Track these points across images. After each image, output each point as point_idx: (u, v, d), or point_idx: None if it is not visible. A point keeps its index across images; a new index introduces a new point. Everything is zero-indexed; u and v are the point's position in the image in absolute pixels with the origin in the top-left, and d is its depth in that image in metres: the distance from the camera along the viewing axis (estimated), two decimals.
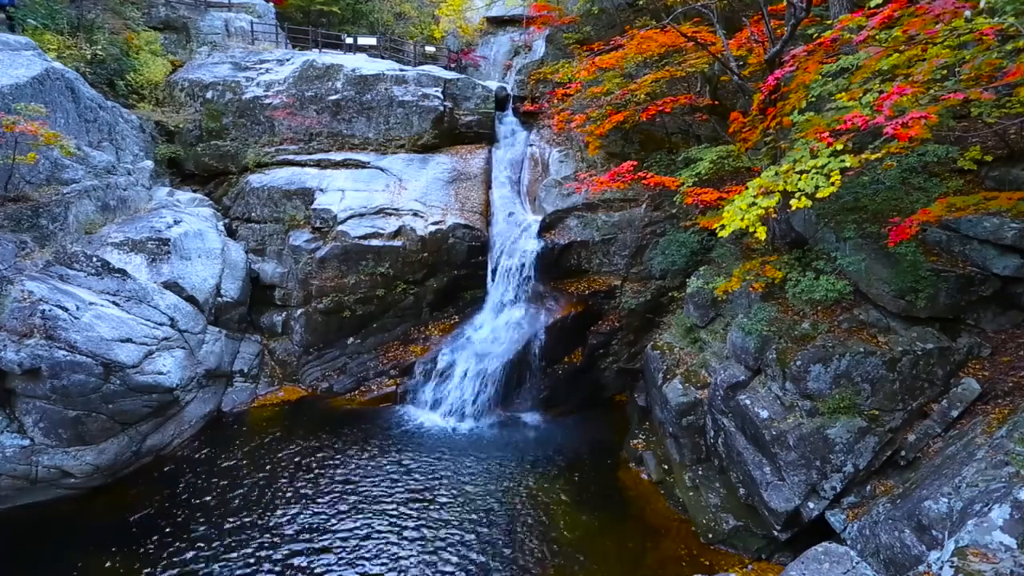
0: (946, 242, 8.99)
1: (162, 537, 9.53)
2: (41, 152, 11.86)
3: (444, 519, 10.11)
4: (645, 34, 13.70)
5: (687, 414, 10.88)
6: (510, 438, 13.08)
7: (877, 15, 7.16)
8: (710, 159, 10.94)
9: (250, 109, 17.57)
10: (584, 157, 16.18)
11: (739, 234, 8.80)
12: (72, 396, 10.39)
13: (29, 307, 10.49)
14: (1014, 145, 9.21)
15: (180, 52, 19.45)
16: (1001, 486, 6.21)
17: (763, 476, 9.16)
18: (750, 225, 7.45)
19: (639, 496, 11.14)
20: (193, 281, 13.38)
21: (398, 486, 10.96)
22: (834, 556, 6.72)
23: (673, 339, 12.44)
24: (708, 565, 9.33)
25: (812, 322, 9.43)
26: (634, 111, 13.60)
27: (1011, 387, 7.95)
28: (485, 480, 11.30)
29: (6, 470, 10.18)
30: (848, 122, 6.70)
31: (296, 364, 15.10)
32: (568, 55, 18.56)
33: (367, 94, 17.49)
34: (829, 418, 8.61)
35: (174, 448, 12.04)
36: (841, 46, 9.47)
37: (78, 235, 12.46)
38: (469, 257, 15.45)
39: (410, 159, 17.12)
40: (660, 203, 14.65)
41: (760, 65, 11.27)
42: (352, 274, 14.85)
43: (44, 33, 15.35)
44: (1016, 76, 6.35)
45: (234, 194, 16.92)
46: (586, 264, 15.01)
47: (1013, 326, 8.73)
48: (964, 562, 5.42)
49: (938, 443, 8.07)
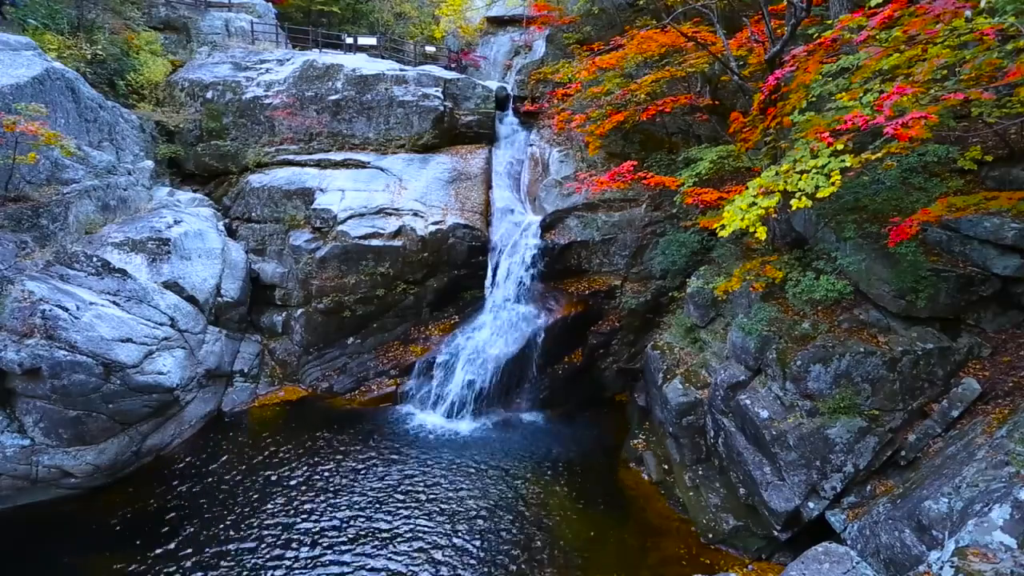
0: (946, 242, 8.99)
1: (163, 537, 9.53)
2: (41, 152, 11.87)
3: (444, 519, 10.12)
4: (645, 34, 13.70)
5: (687, 414, 10.89)
6: (510, 438, 13.09)
7: (877, 15, 7.16)
8: (710, 159, 10.95)
9: (250, 109, 17.58)
10: (584, 157, 16.18)
11: (739, 234, 8.79)
12: (72, 396, 10.40)
13: (29, 307, 10.50)
14: (1014, 145, 9.20)
15: (180, 52, 19.45)
16: (1001, 486, 6.21)
17: (763, 476, 9.17)
18: (750, 225, 7.47)
19: (639, 496, 11.15)
20: (193, 281, 13.38)
21: (398, 486, 10.97)
22: (834, 556, 6.71)
23: (673, 339, 12.45)
24: (708, 565, 9.34)
25: (812, 322, 9.43)
26: (634, 111, 13.60)
27: (1011, 387, 7.95)
28: (485, 480, 11.30)
29: (6, 470, 10.19)
30: (848, 122, 6.71)
31: (296, 364, 15.11)
32: (568, 55, 18.55)
33: (367, 94, 17.50)
34: (829, 418, 8.61)
35: (174, 448, 12.04)
36: (841, 46, 9.47)
37: (78, 235, 12.46)
38: (469, 257, 15.45)
39: (410, 159, 17.12)
40: (660, 203, 14.65)
41: (760, 65, 11.27)
42: (352, 274, 14.85)
43: (44, 33, 15.36)
44: (1016, 76, 6.35)
45: (234, 194, 16.93)
46: (586, 264, 15.01)
47: (1013, 326, 8.73)
48: (964, 562, 5.42)
49: (938, 443, 8.07)
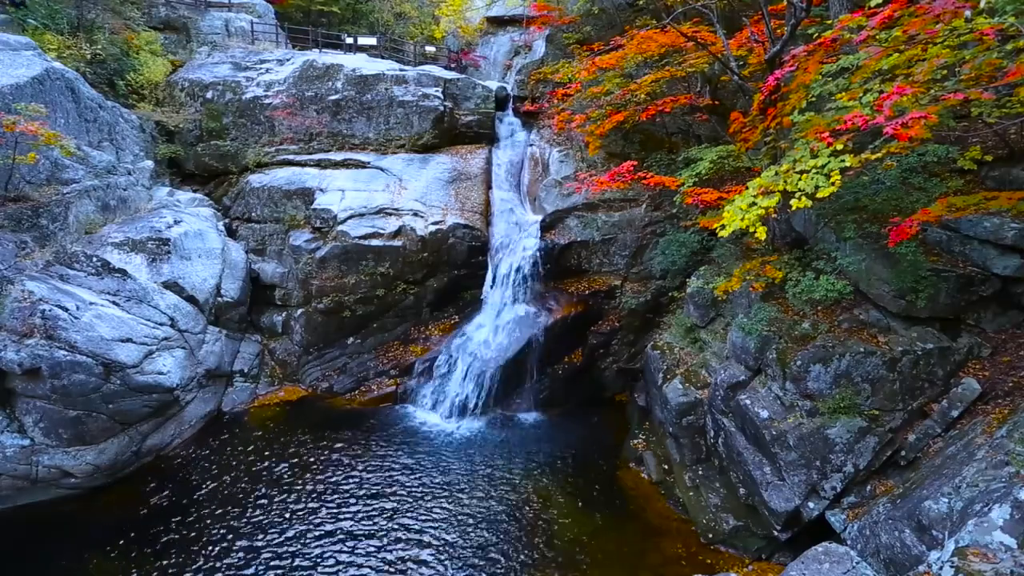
0: (946, 242, 8.98)
1: (163, 537, 9.53)
2: (41, 152, 11.88)
3: (443, 518, 10.12)
4: (645, 34, 13.70)
5: (687, 414, 10.89)
6: (510, 438, 13.09)
7: (877, 15, 7.15)
8: (710, 159, 10.95)
9: (250, 109, 17.58)
10: (584, 157, 16.18)
11: (739, 234, 8.79)
12: (72, 396, 10.40)
13: (29, 307, 10.50)
14: (1014, 145, 9.20)
15: (180, 52, 19.46)
16: (1001, 486, 6.21)
17: (763, 476, 9.16)
18: (750, 225, 7.47)
19: (639, 496, 11.15)
20: (193, 281, 13.38)
21: (398, 485, 10.97)
22: (834, 556, 6.71)
23: (673, 339, 12.44)
24: (708, 565, 9.34)
25: (812, 322, 9.43)
26: (634, 111, 13.60)
27: (1011, 387, 7.95)
28: (485, 480, 11.30)
29: (6, 470, 10.20)
30: (848, 122, 6.70)
31: (296, 364, 15.11)
32: (568, 55, 18.56)
33: (367, 94, 17.50)
34: (829, 418, 8.61)
35: (174, 448, 12.04)
36: (841, 46, 9.47)
37: (78, 235, 12.46)
38: (469, 257, 15.45)
39: (410, 159, 17.12)
40: (660, 203, 14.65)
41: (760, 65, 11.27)
42: (352, 274, 14.86)
43: (44, 33, 15.36)
44: (1016, 76, 6.35)
45: (234, 194, 16.93)
46: (586, 264, 15.01)
47: (1013, 326, 8.72)
48: (964, 562, 5.42)
49: (938, 443, 8.07)
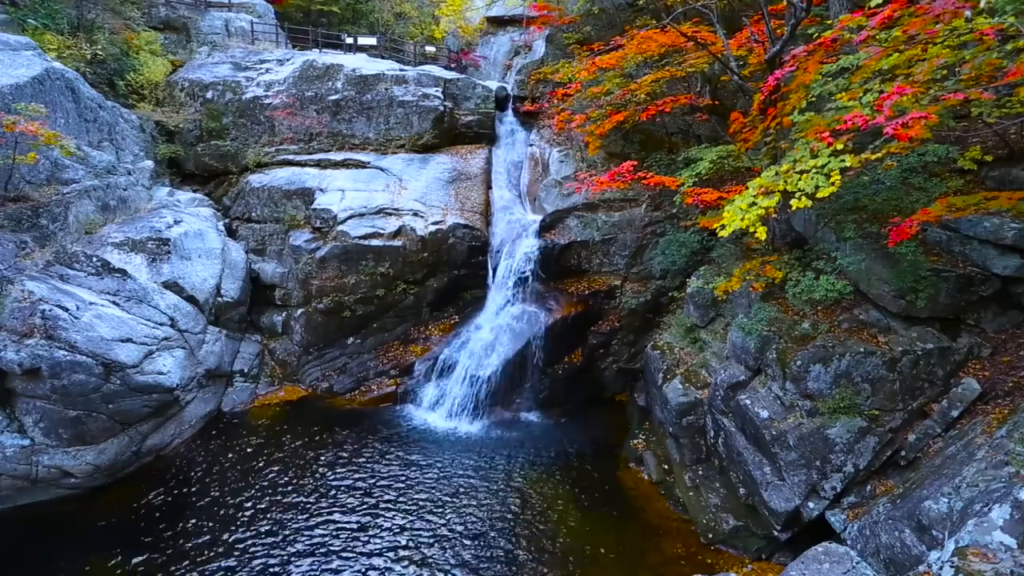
0: (946, 242, 8.99)
1: (163, 537, 9.53)
2: (41, 152, 11.87)
3: (443, 518, 10.11)
4: (645, 34, 13.70)
5: (687, 414, 10.89)
6: (510, 438, 13.08)
7: (877, 15, 7.15)
8: (710, 159, 10.95)
9: (250, 109, 17.58)
10: (584, 157, 16.18)
11: (739, 234, 8.79)
12: (72, 396, 10.40)
13: (29, 307, 10.50)
14: (1014, 145, 9.20)
15: (180, 52, 19.45)
16: (1001, 486, 6.21)
17: (763, 476, 9.16)
18: (750, 225, 7.47)
19: (639, 496, 11.15)
20: (193, 281, 13.38)
21: (397, 485, 10.97)
22: (834, 556, 6.70)
23: (673, 339, 12.44)
24: (708, 565, 9.34)
25: (812, 322, 9.43)
26: (634, 111, 13.60)
27: (1011, 387, 7.95)
28: (485, 480, 11.30)
29: (6, 470, 10.19)
30: (848, 122, 6.70)
31: (296, 364, 15.11)
32: (568, 55, 18.56)
33: (367, 94, 17.50)
34: (829, 418, 8.61)
35: (174, 448, 12.04)
36: (841, 46, 9.47)
37: (78, 235, 12.46)
38: (469, 257, 15.45)
39: (410, 159, 17.12)
40: (660, 203, 14.65)
41: (760, 65, 11.27)
42: (352, 274, 14.85)
43: (44, 33, 15.35)
44: (1016, 76, 6.35)
45: (234, 194, 16.93)
46: (586, 264, 15.01)
47: (1013, 326, 8.72)
48: (964, 562, 5.42)
49: (938, 443, 8.07)
